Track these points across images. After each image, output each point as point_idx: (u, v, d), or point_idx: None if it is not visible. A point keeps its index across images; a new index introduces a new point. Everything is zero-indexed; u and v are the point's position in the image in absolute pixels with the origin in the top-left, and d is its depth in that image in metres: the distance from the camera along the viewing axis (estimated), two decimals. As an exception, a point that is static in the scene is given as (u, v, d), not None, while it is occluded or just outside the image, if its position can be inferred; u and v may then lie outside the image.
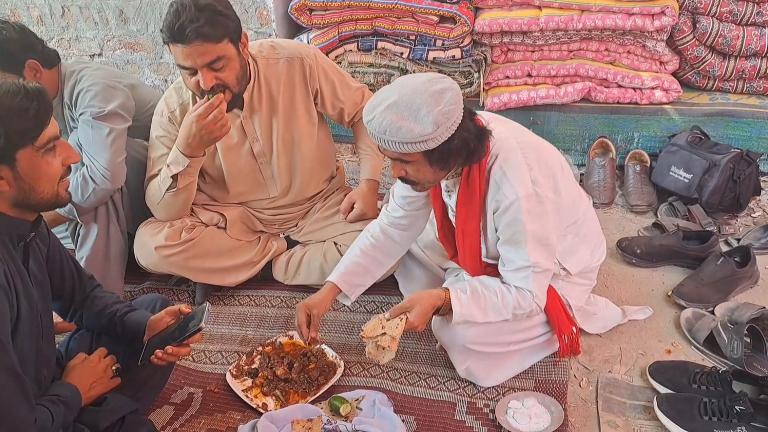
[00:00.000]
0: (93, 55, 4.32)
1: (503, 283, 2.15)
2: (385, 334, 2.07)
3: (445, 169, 2.03)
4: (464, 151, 1.98)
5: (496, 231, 2.13)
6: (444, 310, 2.14)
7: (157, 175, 2.63)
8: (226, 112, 2.53)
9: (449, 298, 2.12)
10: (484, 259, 2.26)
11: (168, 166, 2.55)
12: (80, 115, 2.67)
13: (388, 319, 2.10)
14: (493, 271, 2.23)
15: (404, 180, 2.08)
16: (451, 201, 2.27)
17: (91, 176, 2.63)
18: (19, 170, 1.65)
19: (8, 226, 1.72)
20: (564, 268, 2.30)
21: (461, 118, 1.93)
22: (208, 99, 2.37)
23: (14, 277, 1.69)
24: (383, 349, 2.08)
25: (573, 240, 2.29)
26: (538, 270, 2.09)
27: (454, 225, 2.29)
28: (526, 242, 2.05)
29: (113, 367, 2.03)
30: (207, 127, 2.39)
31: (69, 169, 1.79)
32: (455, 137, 1.93)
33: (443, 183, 2.25)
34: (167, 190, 2.59)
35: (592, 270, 2.42)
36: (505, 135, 2.11)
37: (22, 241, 1.78)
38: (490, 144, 2.07)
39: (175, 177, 2.56)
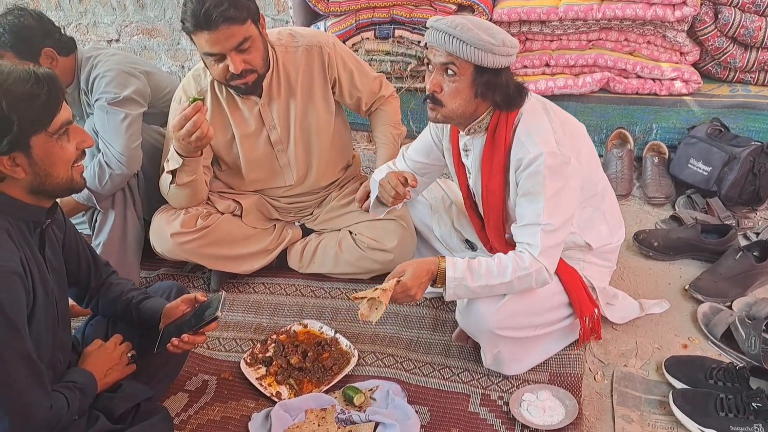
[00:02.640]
0: (110, 41, 4.33)
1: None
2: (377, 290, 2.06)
3: (481, 98, 2.05)
4: (504, 92, 2.05)
5: (518, 188, 2.13)
6: (440, 280, 2.11)
7: None
8: (251, 95, 2.56)
9: (445, 267, 2.10)
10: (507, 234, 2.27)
11: (168, 160, 2.56)
12: (96, 100, 2.68)
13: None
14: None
15: (433, 99, 2.07)
16: (468, 162, 2.28)
17: (106, 162, 2.64)
18: (34, 156, 1.65)
19: (25, 212, 1.72)
20: (586, 242, 2.28)
21: (511, 64, 2.04)
22: (196, 103, 2.36)
23: (30, 263, 1.70)
24: (375, 308, 2.05)
25: (592, 214, 2.28)
26: (549, 228, 2.06)
27: (473, 191, 2.32)
28: (543, 197, 2.04)
29: (129, 354, 2.04)
30: (183, 138, 2.38)
31: (83, 153, 1.78)
32: (505, 73, 2.03)
33: (462, 141, 2.26)
34: (170, 183, 2.59)
35: (611, 251, 2.40)
36: (533, 100, 2.16)
37: (38, 228, 1.78)
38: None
39: (173, 173, 2.56)
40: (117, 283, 2.15)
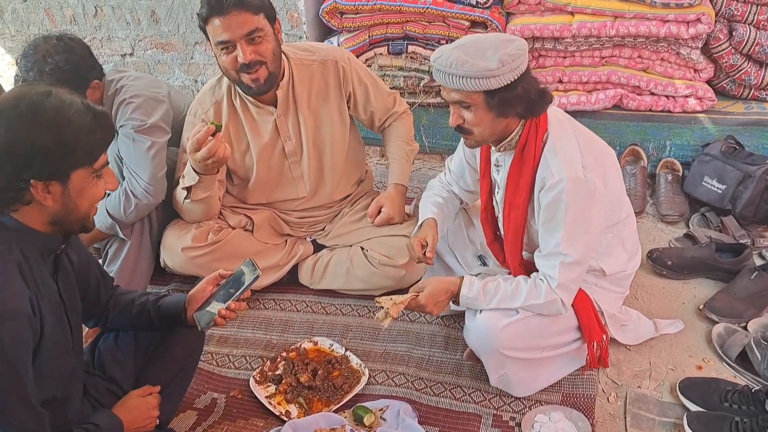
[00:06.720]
0: (124, 55, 4.34)
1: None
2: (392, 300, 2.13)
3: (503, 117, 2.04)
4: (524, 101, 2.01)
5: (540, 212, 2.11)
6: (458, 299, 2.17)
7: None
8: (262, 94, 2.56)
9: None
10: (524, 253, 2.26)
11: (183, 176, 2.55)
12: (120, 127, 2.66)
13: None
14: (530, 266, 2.21)
15: (461, 129, 2.09)
16: (498, 177, 2.27)
17: (131, 191, 2.63)
18: (69, 188, 1.63)
19: (40, 241, 1.69)
20: (601, 268, 2.26)
21: (525, 68, 1.99)
22: (209, 127, 2.37)
23: (41, 298, 1.66)
24: (386, 315, 2.12)
25: (612, 240, 2.26)
26: (568, 260, 2.05)
27: (498, 206, 2.31)
28: (564, 227, 2.03)
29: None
30: (200, 161, 2.40)
31: (106, 194, 1.77)
32: (518, 84, 1.97)
33: (494, 156, 2.26)
34: (184, 198, 2.59)
35: (626, 277, 2.38)
36: (562, 119, 2.15)
37: (53, 254, 1.75)
38: (547, 117, 2.10)
39: (188, 189, 2.56)
40: (125, 292, 2.11)
